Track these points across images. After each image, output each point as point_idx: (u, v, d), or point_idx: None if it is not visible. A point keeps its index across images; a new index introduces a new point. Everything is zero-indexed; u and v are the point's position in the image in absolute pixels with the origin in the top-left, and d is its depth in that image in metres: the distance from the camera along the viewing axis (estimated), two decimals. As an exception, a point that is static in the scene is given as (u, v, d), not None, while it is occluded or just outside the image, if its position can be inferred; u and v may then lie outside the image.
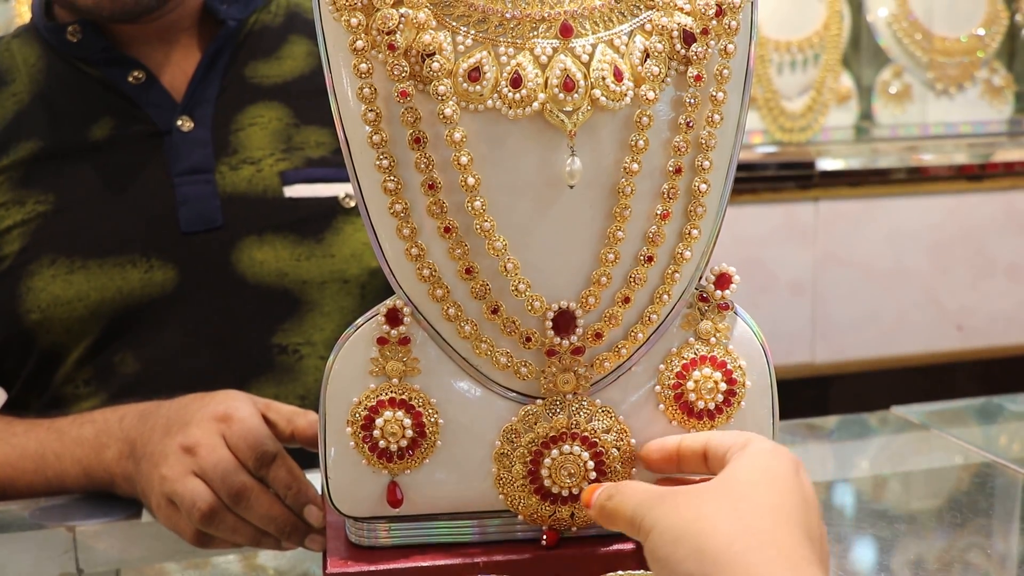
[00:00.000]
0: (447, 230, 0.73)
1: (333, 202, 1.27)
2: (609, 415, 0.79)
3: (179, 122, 1.26)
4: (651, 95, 0.72)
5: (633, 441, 0.79)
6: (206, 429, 0.98)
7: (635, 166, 0.73)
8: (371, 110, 0.71)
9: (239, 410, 1.00)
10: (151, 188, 1.25)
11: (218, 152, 1.26)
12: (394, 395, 0.77)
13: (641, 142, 0.72)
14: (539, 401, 0.78)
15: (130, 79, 1.27)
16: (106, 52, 1.27)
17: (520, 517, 0.80)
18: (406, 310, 0.77)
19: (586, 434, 0.78)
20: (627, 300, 0.76)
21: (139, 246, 1.23)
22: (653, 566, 0.64)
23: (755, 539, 0.61)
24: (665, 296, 0.77)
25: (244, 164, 1.26)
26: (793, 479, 0.66)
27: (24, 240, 1.22)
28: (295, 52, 1.34)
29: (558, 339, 0.76)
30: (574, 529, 0.80)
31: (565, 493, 0.79)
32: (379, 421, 0.77)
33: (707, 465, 0.74)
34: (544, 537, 0.80)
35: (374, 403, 0.77)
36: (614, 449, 0.78)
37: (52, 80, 1.29)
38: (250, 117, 1.29)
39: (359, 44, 0.70)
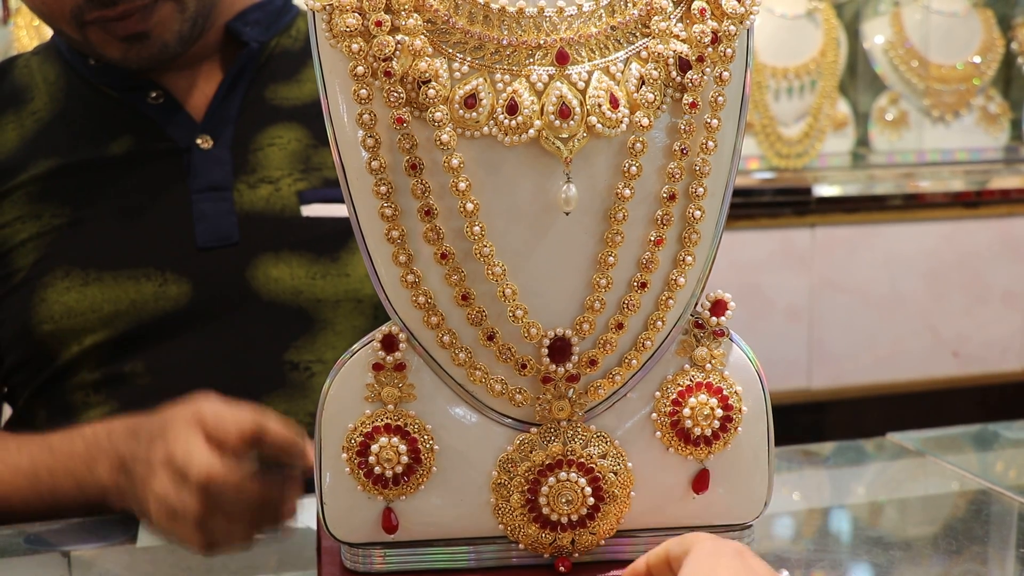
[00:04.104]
0: (444, 256, 0.73)
1: (349, 222, 1.27)
2: (604, 440, 0.79)
3: (199, 140, 1.27)
4: (645, 122, 0.72)
5: (630, 465, 0.79)
6: (180, 431, 1.00)
7: (627, 192, 0.73)
8: (370, 136, 0.71)
9: (209, 405, 1.02)
10: (168, 204, 1.25)
11: (237, 170, 1.27)
12: (389, 421, 0.77)
13: (634, 168, 0.72)
14: (534, 429, 0.78)
15: (149, 100, 1.28)
16: (126, 79, 1.28)
17: (520, 545, 0.80)
18: (402, 336, 0.77)
19: (582, 460, 0.78)
20: (620, 326, 0.76)
21: (154, 260, 1.23)
22: None
23: None
24: (659, 322, 0.77)
25: (262, 183, 1.26)
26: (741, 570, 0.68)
27: (39, 253, 1.23)
28: (314, 75, 1.35)
29: (553, 366, 0.76)
30: (576, 555, 0.80)
31: (564, 520, 0.79)
32: (375, 447, 0.77)
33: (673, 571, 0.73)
34: (561, 566, 0.80)
35: (370, 429, 0.77)
36: (611, 474, 0.78)
37: (72, 99, 1.30)
38: (269, 137, 1.29)
39: (359, 70, 0.70)
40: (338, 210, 1.27)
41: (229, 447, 0.99)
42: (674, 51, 0.73)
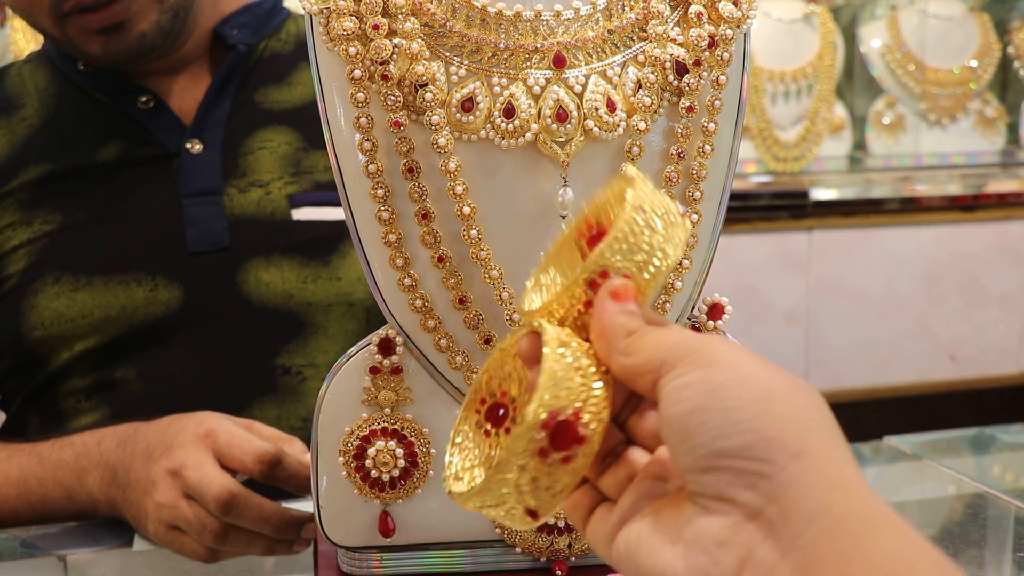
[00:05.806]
0: (440, 260, 0.73)
1: (340, 225, 1.26)
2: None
3: (188, 144, 1.27)
4: (642, 125, 0.72)
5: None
6: (190, 449, 1.00)
7: (626, 196, 0.73)
8: (367, 139, 0.71)
9: (221, 425, 1.02)
10: (159, 208, 1.25)
11: (227, 174, 1.27)
12: (386, 424, 0.77)
13: (632, 172, 0.72)
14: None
15: (139, 104, 1.28)
16: (116, 85, 1.28)
17: (517, 549, 0.80)
18: (399, 340, 0.77)
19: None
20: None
21: (145, 265, 1.23)
22: (681, 401, 0.50)
23: (832, 434, 0.51)
24: (657, 326, 0.77)
25: (252, 187, 1.26)
26: None
27: (29, 259, 1.23)
28: (305, 79, 1.35)
29: (551, 369, 0.76)
30: (573, 559, 0.80)
31: (561, 524, 0.78)
32: (371, 451, 0.77)
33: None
34: (558, 570, 0.80)
35: (366, 432, 0.77)
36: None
37: (63, 105, 1.30)
38: (259, 141, 1.29)
39: (356, 73, 0.70)
40: (329, 213, 1.27)
41: (244, 471, 1.00)
42: (671, 55, 0.73)
